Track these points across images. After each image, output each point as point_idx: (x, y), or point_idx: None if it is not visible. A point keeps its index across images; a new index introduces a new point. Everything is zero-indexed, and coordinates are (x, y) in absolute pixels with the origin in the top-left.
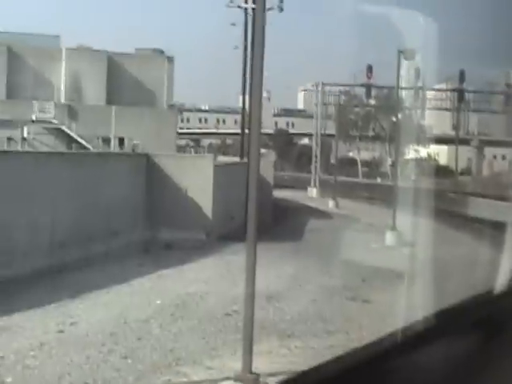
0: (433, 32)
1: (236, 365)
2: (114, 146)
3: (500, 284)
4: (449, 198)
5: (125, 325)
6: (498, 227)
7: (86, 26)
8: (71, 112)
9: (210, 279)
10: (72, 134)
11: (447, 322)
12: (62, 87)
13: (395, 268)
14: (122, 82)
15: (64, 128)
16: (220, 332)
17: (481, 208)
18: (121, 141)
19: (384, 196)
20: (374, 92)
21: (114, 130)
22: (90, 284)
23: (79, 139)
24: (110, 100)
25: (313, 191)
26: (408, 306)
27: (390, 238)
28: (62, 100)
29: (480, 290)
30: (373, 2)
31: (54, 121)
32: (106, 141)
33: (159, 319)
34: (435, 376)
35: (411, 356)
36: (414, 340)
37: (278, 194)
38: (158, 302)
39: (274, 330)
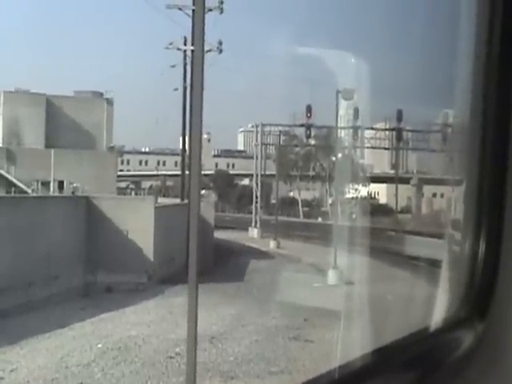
0: (371, 72)
1: None
2: (53, 190)
3: (436, 321)
4: (388, 236)
5: (66, 370)
6: (435, 265)
7: (25, 70)
8: (10, 155)
9: (152, 322)
10: (10, 177)
11: (385, 359)
12: (0, 131)
13: (337, 306)
14: (61, 124)
15: (2, 172)
16: (163, 375)
17: (420, 246)
18: (60, 184)
19: (325, 235)
20: (313, 132)
21: (53, 174)
22: (30, 329)
23: (18, 183)
24: (49, 143)
25: (254, 232)
26: (349, 344)
27: (331, 276)
28: (0, 144)
29: (417, 327)
30: (310, 44)
31: None
32: (46, 184)
33: (101, 363)
34: None
35: None
36: (351, 378)
37: (220, 234)
38: (100, 345)
39: (217, 372)
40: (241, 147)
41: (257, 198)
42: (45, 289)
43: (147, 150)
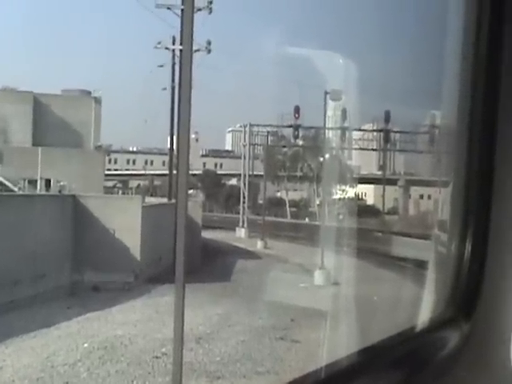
0: (359, 73)
1: None
2: (40, 188)
3: (422, 321)
4: (375, 237)
5: (52, 369)
6: (422, 265)
7: (12, 68)
8: None
9: (138, 321)
10: None
11: (372, 359)
12: None
13: (324, 307)
14: (49, 123)
15: None
16: (149, 375)
17: (406, 247)
18: (47, 182)
19: (312, 236)
20: (301, 132)
21: (40, 172)
22: (16, 328)
23: (4, 181)
24: (37, 141)
25: (241, 232)
26: (336, 345)
27: (318, 277)
28: None
29: (404, 327)
30: (299, 45)
31: None
32: (32, 182)
33: (87, 363)
34: None
35: None
36: (337, 377)
37: (207, 234)
38: (86, 345)
39: (203, 372)
40: (229, 147)
41: (244, 198)
42: (31, 287)
43: (135, 149)
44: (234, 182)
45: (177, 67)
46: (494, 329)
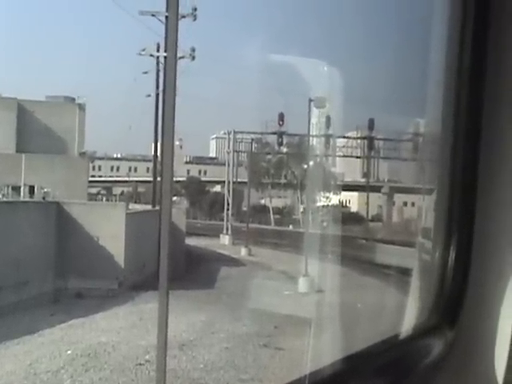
0: (343, 81)
1: None
2: (23, 195)
3: (406, 328)
4: (359, 244)
5: (35, 376)
6: (406, 273)
7: None
8: None
9: (122, 328)
10: None
11: (356, 367)
12: None
13: (308, 314)
14: (33, 129)
15: None
16: (132, 382)
17: (390, 254)
18: (31, 189)
19: (296, 243)
20: (285, 140)
21: (23, 179)
22: None
23: None
24: (20, 148)
25: (225, 239)
26: (320, 352)
27: (302, 284)
28: None
29: (388, 335)
30: (283, 53)
31: None
32: (16, 189)
33: (70, 370)
34: None
35: None
36: None
37: (191, 241)
38: (69, 352)
39: (186, 379)
40: (213, 154)
41: (228, 205)
42: (14, 294)
43: (119, 155)
44: (218, 189)
45: (161, 74)
46: (478, 336)
